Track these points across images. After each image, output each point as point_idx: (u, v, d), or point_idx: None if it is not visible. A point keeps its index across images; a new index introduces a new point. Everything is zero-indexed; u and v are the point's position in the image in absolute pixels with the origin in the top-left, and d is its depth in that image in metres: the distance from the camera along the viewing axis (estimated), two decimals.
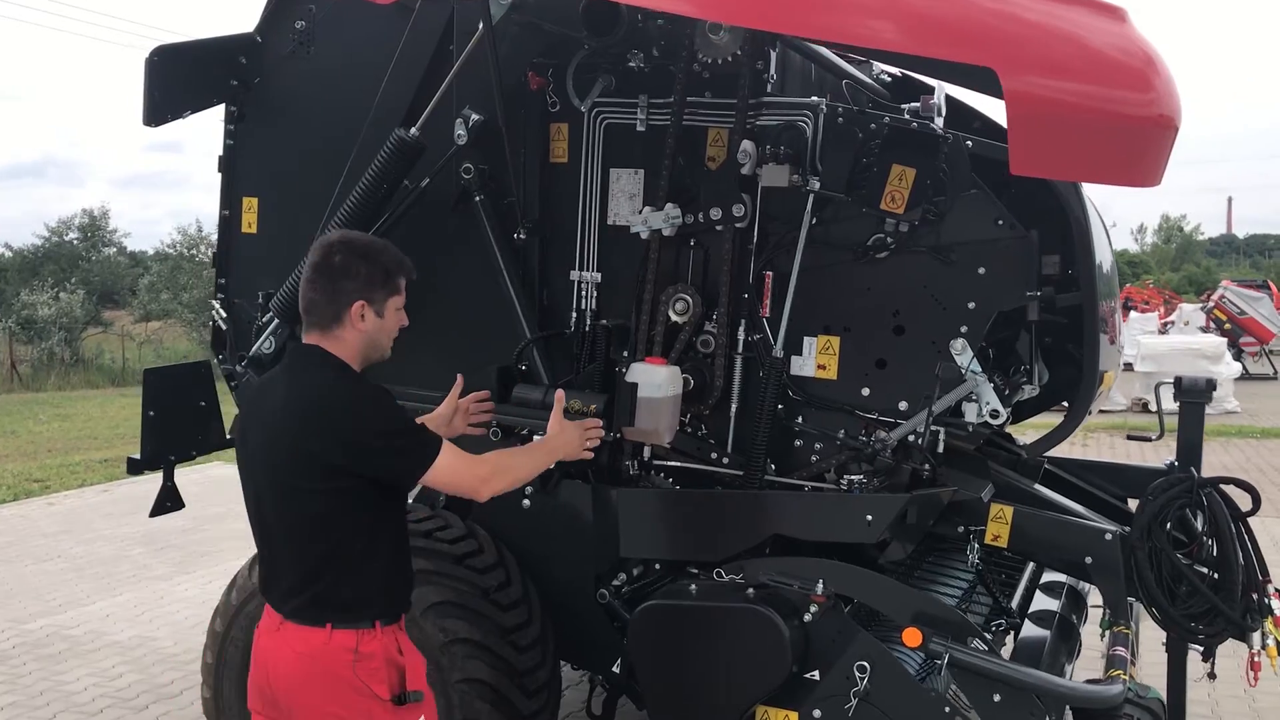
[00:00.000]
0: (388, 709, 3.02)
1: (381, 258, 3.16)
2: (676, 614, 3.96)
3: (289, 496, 3.02)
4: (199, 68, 4.85)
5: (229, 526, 9.69)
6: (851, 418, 4.11)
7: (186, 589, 8.03)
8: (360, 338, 3.12)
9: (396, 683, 3.06)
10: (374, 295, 3.12)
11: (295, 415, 3.00)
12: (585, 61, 4.34)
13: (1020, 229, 3.87)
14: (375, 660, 3.02)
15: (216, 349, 5.12)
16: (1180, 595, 4.05)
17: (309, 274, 3.12)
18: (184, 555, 8.94)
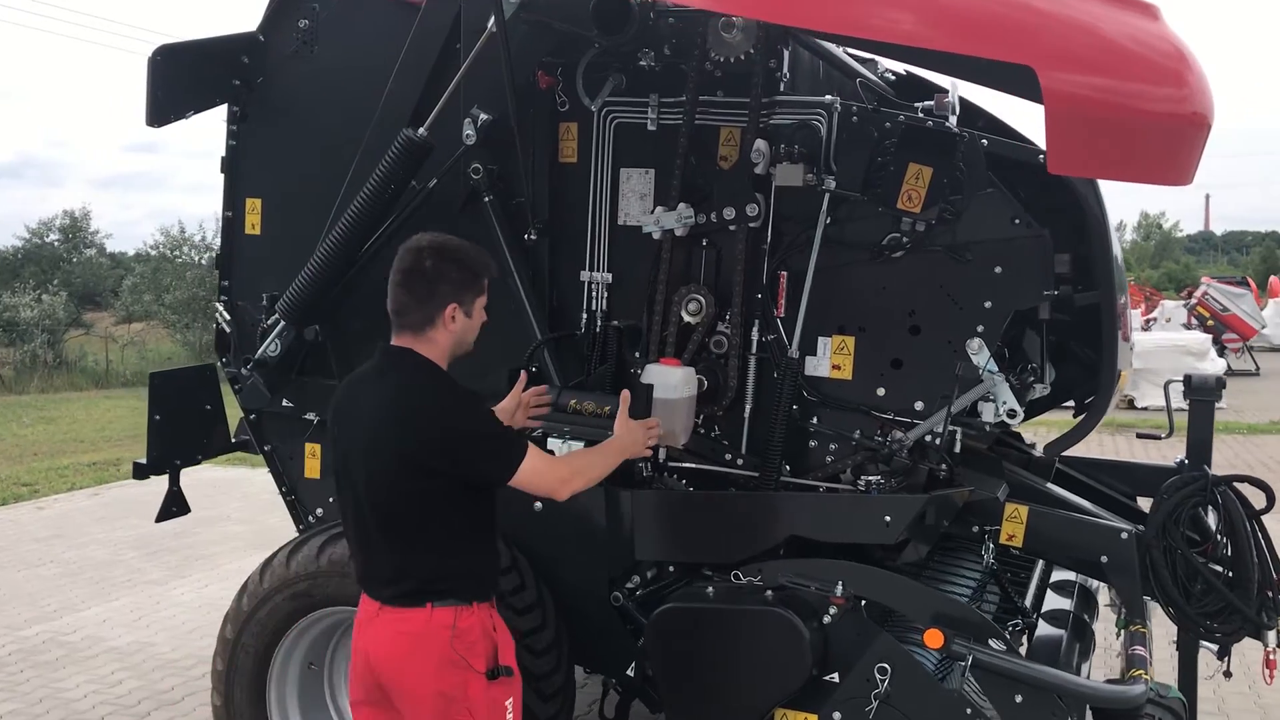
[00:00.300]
0: (482, 682, 3.18)
1: (470, 261, 3.31)
2: (695, 616, 3.94)
3: (386, 492, 3.18)
4: (201, 67, 4.79)
5: (222, 530, 9.62)
6: (867, 418, 4.09)
7: (183, 593, 7.96)
8: (450, 338, 3.28)
9: (491, 656, 3.22)
10: (464, 297, 3.27)
11: (392, 416, 3.16)
12: (595, 60, 4.31)
13: (1037, 228, 3.85)
14: (472, 634, 3.18)
15: (220, 352, 5.07)
16: (1195, 594, 4.05)
17: (398, 278, 3.25)
18: (179, 559, 8.86)
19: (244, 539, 9.45)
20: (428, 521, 3.18)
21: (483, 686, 3.18)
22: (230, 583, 8.12)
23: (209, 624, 7.20)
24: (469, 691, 3.16)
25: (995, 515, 4.11)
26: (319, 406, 4.87)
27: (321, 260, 4.55)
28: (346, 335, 4.71)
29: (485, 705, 3.20)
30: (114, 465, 13.50)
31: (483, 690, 3.18)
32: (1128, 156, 2.75)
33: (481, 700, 3.19)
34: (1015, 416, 3.93)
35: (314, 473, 4.98)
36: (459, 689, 3.16)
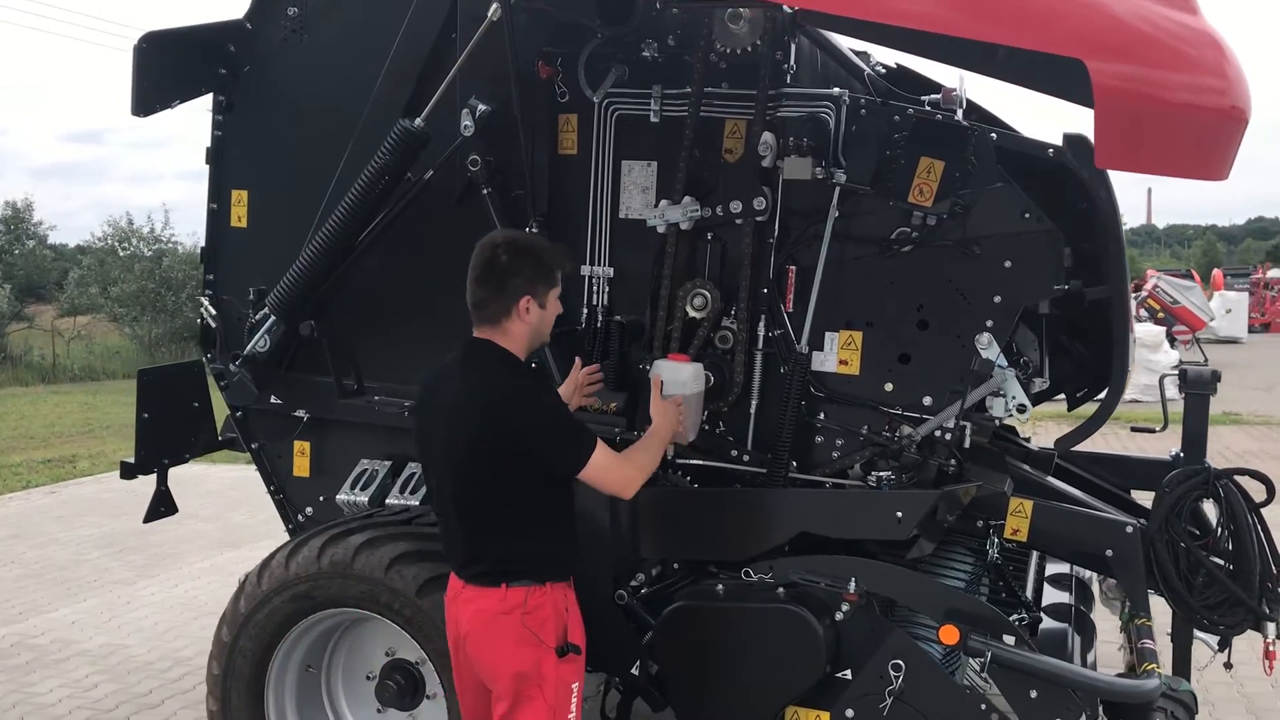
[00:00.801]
0: (553, 658, 3.31)
1: (543, 254, 3.46)
2: (706, 615, 3.90)
3: (463, 479, 3.34)
4: (187, 56, 4.67)
5: (190, 527, 9.43)
6: (874, 413, 4.06)
7: (153, 593, 7.79)
8: (526, 329, 3.42)
9: (561, 634, 3.34)
10: (537, 290, 3.40)
11: (470, 406, 3.31)
12: (597, 51, 4.24)
13: (1047, 222, 3.84)
14: (543, 611, 3.31)
15: (205, 348, 4.95)
16: (1197, 586, 4.08)
17: (475, 274, 3.41)
18: (146, 558, 8.68)
19: (211, 536, 9.29)
20: (502, 507, 3.32)
21: (554, 663, 3.31)
22: (200, 581, 8.01)
23: (182, 624, 7.08)
24: (541, 668, 3.30)
25: (1000, 510, 4.10)
26: (308, 403, 4.78)
27: (314, 254, 4.45)
28: (342, 330, 4.61)
29: (554, 682, 3.32)
30: (69, 462, 13.24)
31: (553, 667, 3.31)
32: (1172, 151, 2.73)
33: (552, 677, 3.31)
34: (1025, 412, 3.92)
35: (303, 471, 4.88)
36: (532, 664, 3.30)
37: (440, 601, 3.80)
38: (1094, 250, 4.07)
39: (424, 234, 4.55)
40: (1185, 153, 2.76)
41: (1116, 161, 2.79)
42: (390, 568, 3.87)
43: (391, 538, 3.97)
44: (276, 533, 9.36)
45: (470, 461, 3.32)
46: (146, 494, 5.11)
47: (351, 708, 4.36)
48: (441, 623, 3.80)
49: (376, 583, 3.88)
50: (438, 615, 3.81)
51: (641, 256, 4.27)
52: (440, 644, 3.82)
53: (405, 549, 3.92)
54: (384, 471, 4.63)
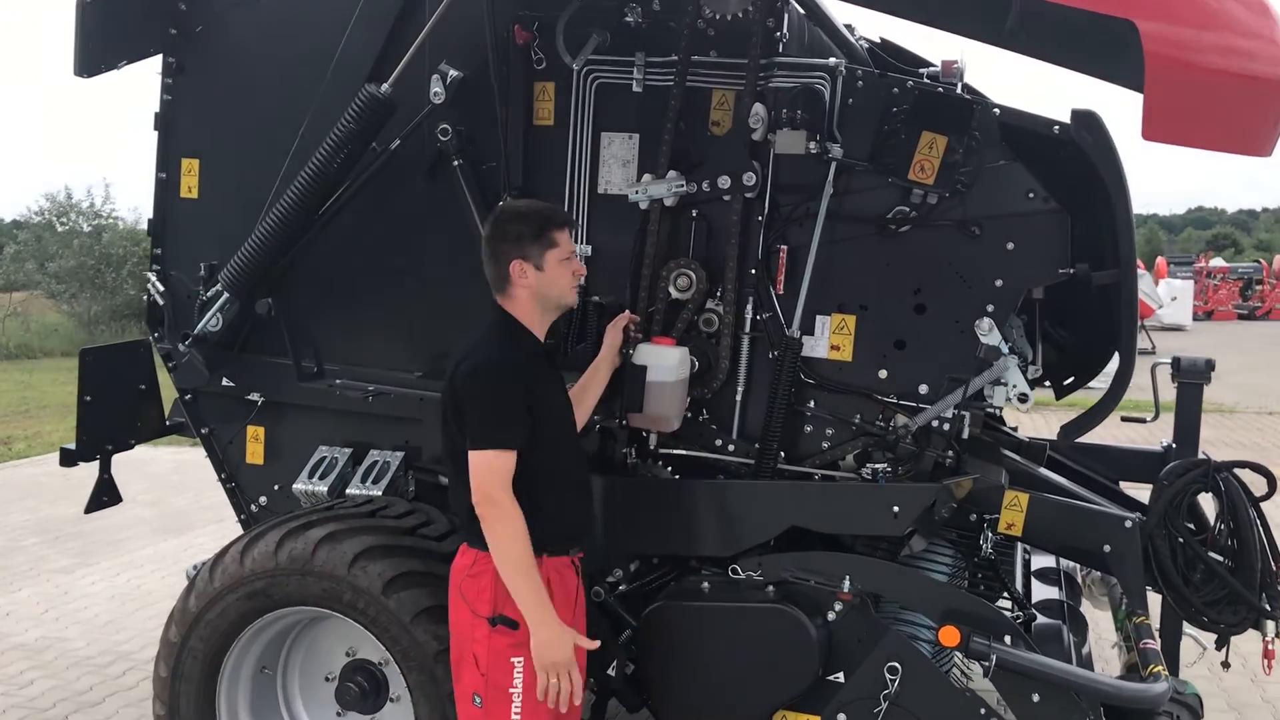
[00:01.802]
0: (484, 627, 3.23)
1: (531, 215, 3.39)
2: (692, 615, 3.69)
3: (444, 433, 3.38)
4: (134, 13, 4.36)
5: (131, 513, 9.04)
6: (867, 402, 3.87)
7: (93, 583, 7.44)
8: (528, 294, 3.36)
9: (496, 605, 3.22)
10: (528, 252, 3.33)
11: (454, 362, 3.34)
12: (577, 15, 3.99)
13: (1053, 202, 3.66)
14: (482, 580, 3.24)
15: (152, 326, 4.64)
16: (1194, 583, 3.93)
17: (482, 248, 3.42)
18: (84, 545, 8.31)
19: (152, 522, 8.93)
20: (458, 468, 3.28)
21: (485, 632, 3.23)
22: (143, 570, 7.69)
23: (124, 616, 6.77)
24: (474, 633, 3.26)
25: (995, 503, 3.92)
26: (263, 386, 4.50)
27: (271, 227, 4.18)
28: (301, 309, 4.34)
29: (487, 652, 3.24)
30: (3, 444, 12.76)
31: (485, 636, 3.23)
32: (1225, 125, 2.55)
33: (484, 646, 3.24)
34: (1026, 400, 3.74)
35: (256, 458, 4.60)
36: (467, 629, 3.28)
37: (406, 600, 3.59)
38: (1097, 232, 3.89)
39: (389, 208, 4.29)
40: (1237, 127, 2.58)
41: (1166, 134, 2.59)
42: (353, 564, 3.62)
43: (354, 532, 3.71)
44: (222, 518, 9.14)
45: (443, 415, 3.36)
46: (86, 479, 4.82)
47: (310, 711, 4.09)
48: (408, 622, 3.58)
49: (339, 580, 3.62)
50: (404, 614, 3.58)
51: (621, 234, 4.05)
52: (407, 644, 3.59)
53: (369, 544, 3.67)
54: (344, 459, 4.35)
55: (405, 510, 3.92)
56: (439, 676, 3.54)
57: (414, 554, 3.71)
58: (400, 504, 3.97)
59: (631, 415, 3.82)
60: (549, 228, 3.37)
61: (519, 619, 3.18)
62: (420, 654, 3.57)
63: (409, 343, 4.34)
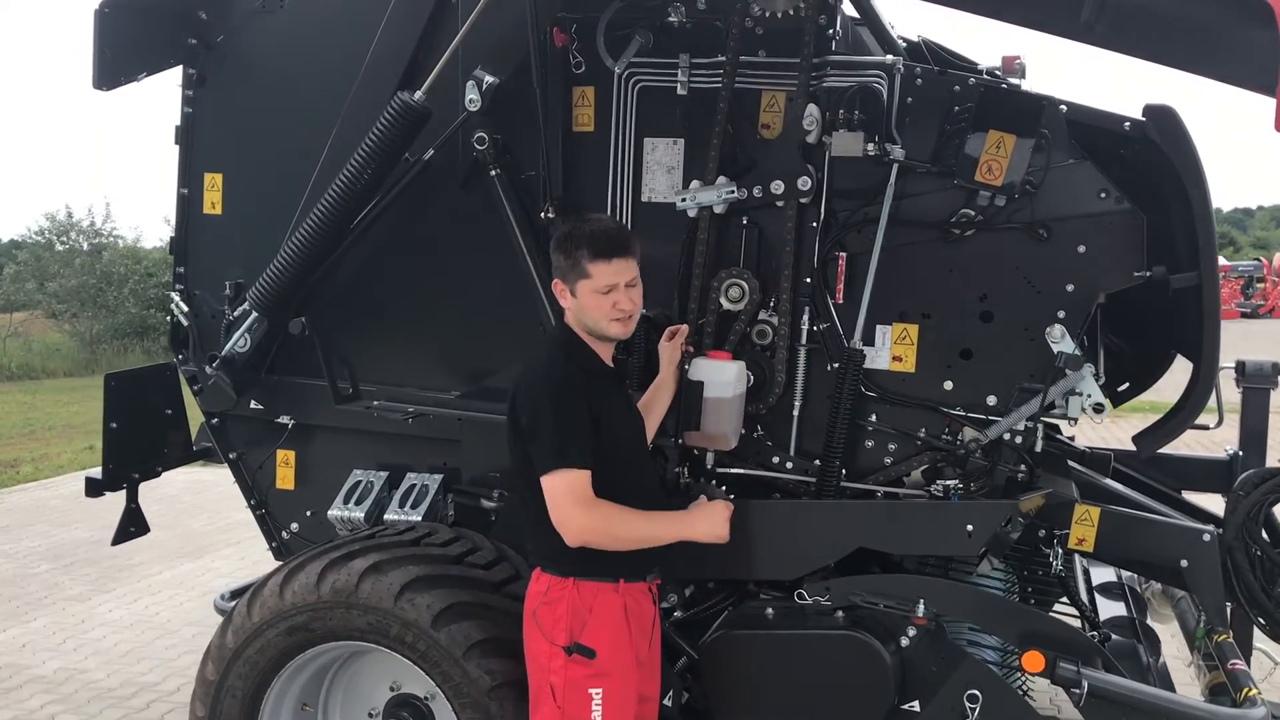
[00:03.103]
0: (561, 656, 3.14)
1: (568, 243, 3.27)
2: (758, 643, 3.51)
3: (511, 455, 3.30)
4: (153, 23, 4.20)
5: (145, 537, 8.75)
6: (932, 415, 3.69)
7: (110, 610, 7.24)
8: (571, 314, 3.32)
9: (573, 634, 3.14)
10: (566, 277, 3.27)
11: (516, 383, 3.28)
12: (618, 17, 3.83)
13: (1127, 203, 3.48)
14: (559, 608, 3.16)
15: (176, 348, 4.48)
16: (1276, 597, 3.76)
17: None
18: (99, 571, 8.12)
19: (168, 546, 8.73)
20: (525, 490, 3.24)
21: (562, 662, 3.14)
22: (160, 596, 7.50)
23: (144, 644, 6.57)
24: (551, 663, 3.17)
25: (1065, 518, 3.74)
26: (294, 409, 4.33)
27: (300, 243, 4.01)
28: (333, 328, 4.15)
29: (564, 682, 3.15)
30: (10, 468, 12.55)
31: (562, 666, 3.14)
32: None
33: (561, 675, 3.15)
34: (1102, 411, 3.56)
35: (287, 483, 4.44)
36: (544, 657, 3.19)
37: (457, 633, 3.42)
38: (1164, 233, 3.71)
39: (422, 220, 4.12)
40: None
41: None
42: (400, 596, 3.44)
43: (400, 561, 3.53)
44: (239, 540, 8.96)
45: (510, 438, 3.28)
46: (98, 503, 4.65)
47: None
48: (460, 657, 3.40)
49: (385, 613, 3.45)
50: (455, 648, 3.40)
51: (667, 243, 3.87)
52: (459, 679, 3.41)
53: (416, 574, 3.49)
54: (380, 484, 4.18)
55: (450, 537, 3.75)
56: (494, 713, 3.37)
57: (462, 584, 3.53)
58: (444, 530, 3.80)
59: (688, 434, 3.64)
60: (584, 258, 3.22)
61: (596, 647, 3.13)
62: (473, 689, 3.39)
63: (446, 361, 4.17)
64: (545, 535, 3.16)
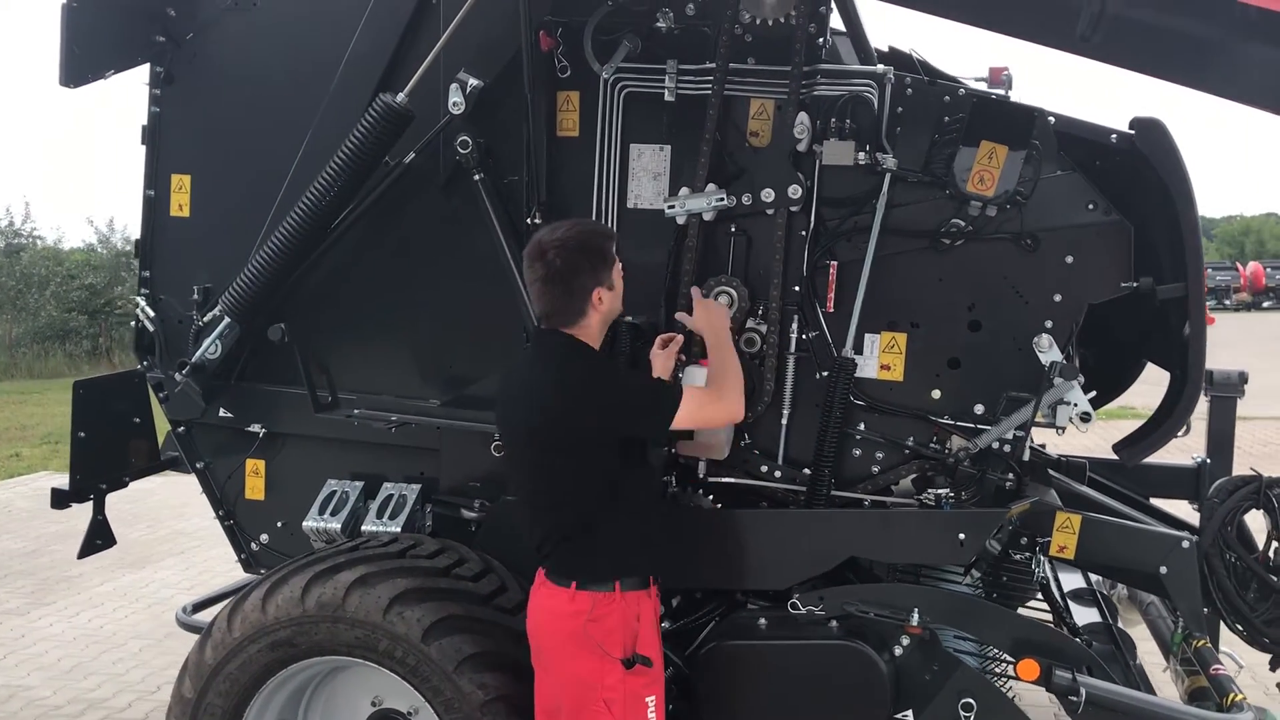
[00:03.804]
0: (619, 670, 3.11)
1: (594, 241, 3.26)
2: (752, 654, 3.49)
3: (541, 469, 3.24)
4: (121, 19, 4.07)
5: None
6: (920, 424, 3.70)
7: (51, 624, 7.01)
8: (601, 317, 3.28)
9: (629, 645, 3.14)
10: (602, 277, 3.23)
11: (553, 397, 3.17)
12: (604, 21, 3.79)
13: (1115, 214, 3.53)
14: (610, 620, 3.13)
15: (141, 354, 4.34)
16: (1248, 602, 3.82)
17: (537, 286, 3.23)
18: (36, 584, 7.87)
19: (109, 556, 8.25)
20: (575, 498, 3.20)
21: (620, 675, 3.11)
22: (103, 609, 7.30)
23: (90, 659, 6.39)
24: (605, 680, 3.11)
25: (1046, 526, 3.77)
26: (265, 417, 4.23)
27: (276, 247, 3.92)
28: (310, 334, 4.05)
29: (623, 696, 3.12)
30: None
31: (620, 679, 3.11)
32: None
33: (619, 690, 3.12)
34: (1089, 420, 3.60)
35: (256, 493, 4.32)
36: (595, 675, 3.12)
37: (448, 647, 3.35)
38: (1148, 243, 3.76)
39: (403, 225, 4.05)
40: None
41: None
42: (389, 609, 3.36)
43: (387, 574, 3.45)
44: (182, 550, 8.74)
45: (541, 453, 3.21)
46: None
47: None
48: (451, 671, 3.34)
49: (374, 627, 3.36)
50: (447, 662, 3.34)
51: (653, 250, 3.84)
52: (450, 694, 3.34)
53: (405, 587, 3.41)
54: (356, 494, 4.09)
55: (436, 549, 3.67)
56: None
57: (452, 597, 3.46)
58: (430, 542, 3.72)
59: (681, 443, 3.62)
60: (609, 246, 3.28)
61: (651, 655, 3.18)
62: (465, 704, 3.32)
63: (426, 368, 4.09)
64: (586, 549, 3.17)
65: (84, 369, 23.43)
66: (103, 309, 25.85)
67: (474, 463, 4.02)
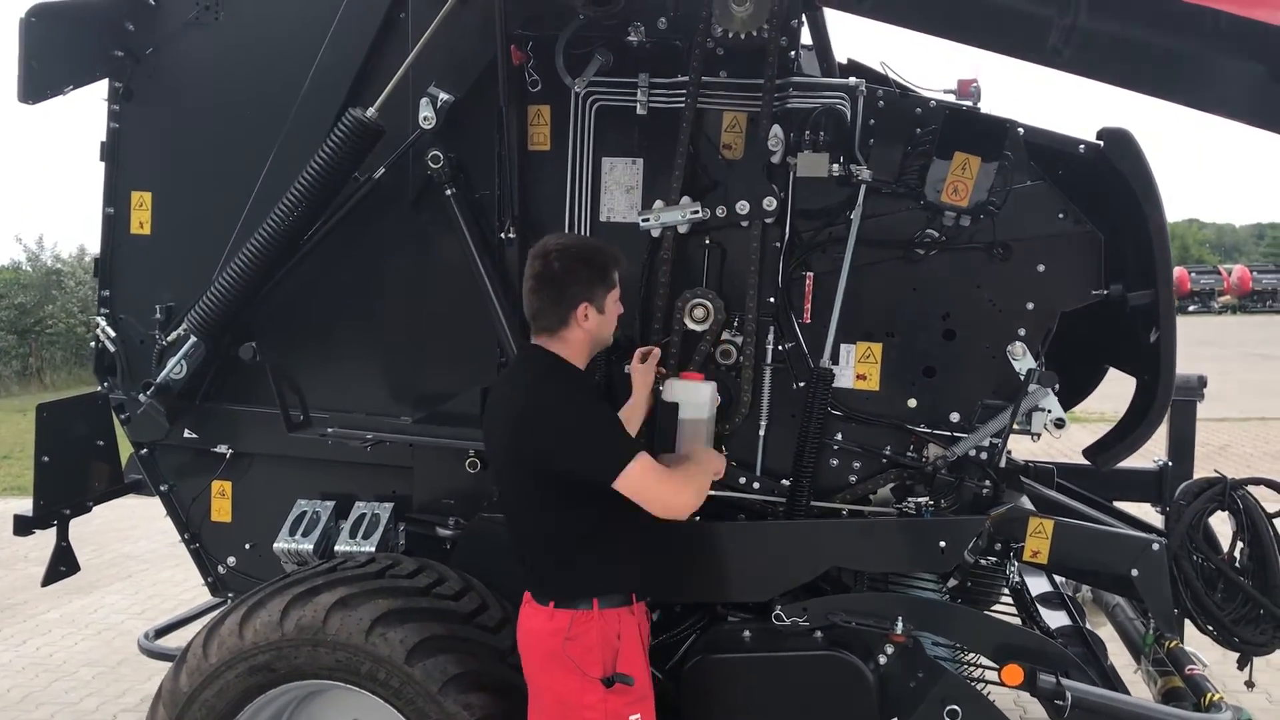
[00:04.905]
0: (599, 690, 3.06)
1: (598, 258, 3.23)
2: (738, 667, 3.48)
3: (513, 488, 3.21)
4: (80, 34, 3.99)
5: (24, 572, 8.41)
6: (896, 433, 3.72)
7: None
8: (586, 335, 3.21)
9: (609, 664, 3.09)
10: (595, 294, 3.19)
11: (510, 415, 3.14)
12: (575, 36, 3.78)
13: (1086, 223, 3.58)
14: (588, 639, 3.08)
15: (101, 375, 4.24)
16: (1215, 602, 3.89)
17: (530, 284, 3.19)
18: None
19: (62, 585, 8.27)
20: (545, 521, 3.14)
21: (600, 695, 3.06)
22: (52, 636, 7.12)
23: (40, 689, 6.22)
24: (585, 699, 3.07)
25: (1019, 531, 3.81)
26: (232, 437, 4.16)
27: (244, 264, 3.86)
28: (281, 352, 3.98)
29: (603, 715, 3.08)
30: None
31: (600, 699, 3.06)
32: None
33: (599, 710, 3.07)
34: (1063, 426, 3.65)
35: (223, 515, 4.26)
36: (575, 695, 3.08)
37: (432, 668, 3.31)
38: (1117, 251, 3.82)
39: (372, 240, 4.00)
40: None
41: None
42: (371, 631, 3.31)
43: (368, 595, 3.40)
44: (129, 574, 8.55)
45: (512, 470, 3.18)
46: None
47: None
48: (436, 692, 3.30)
49: (355, 649, 3.31)
50: (431, 683, 3.30)
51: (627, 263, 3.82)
52: (436, 716, 3.30)
53: (387, 608, 3.36)
54: (327, 514, 4.04)
55: (415, 568, 3.62)
56: None
57: (434, 616, 3.42)
58: (408, 561, 3.67)
59: (663, 456, 3.59)
60: (614, 269, 3.25)
61: (633, 673, 3.11)
62: None
63: (398, 385, 4.04)
64: (562, 567, 3.11)
65: (13, 390, 22.89)
66: (33, 328, 25.23)
67: (447, 480, 3.99)
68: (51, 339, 24.86)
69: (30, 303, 25.55)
